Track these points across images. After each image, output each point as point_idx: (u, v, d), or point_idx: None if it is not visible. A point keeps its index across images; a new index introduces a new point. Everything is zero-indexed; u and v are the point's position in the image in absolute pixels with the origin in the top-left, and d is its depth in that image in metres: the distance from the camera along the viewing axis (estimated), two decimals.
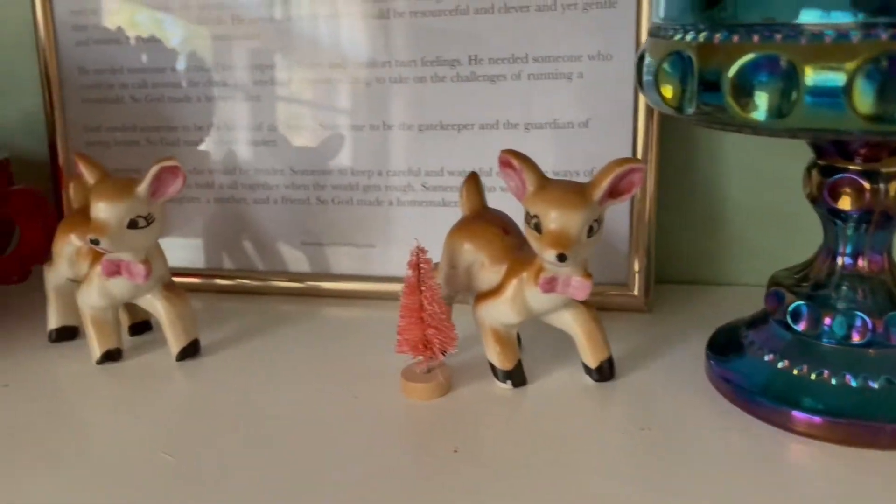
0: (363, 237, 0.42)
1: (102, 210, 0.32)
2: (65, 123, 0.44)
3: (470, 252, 0.32)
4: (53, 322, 0.38)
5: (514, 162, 0.29)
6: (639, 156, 0.37)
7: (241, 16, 0.41)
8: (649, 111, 0.37)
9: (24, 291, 0.42)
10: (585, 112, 0.38)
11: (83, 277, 0.35)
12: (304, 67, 0.41)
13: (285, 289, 0.43)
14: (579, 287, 0.29)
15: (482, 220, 0.33)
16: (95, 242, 0.32)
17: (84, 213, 0.36)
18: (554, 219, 0.28)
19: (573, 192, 0.28)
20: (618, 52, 0.37)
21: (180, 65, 0.42)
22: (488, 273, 0.31)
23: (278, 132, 0.42)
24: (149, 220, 0.33)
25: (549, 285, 0.29)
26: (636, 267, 0.38)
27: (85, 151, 0.44)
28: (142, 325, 0.38)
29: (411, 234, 0.40)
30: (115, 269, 0.33)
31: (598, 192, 0.28)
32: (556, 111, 0.38)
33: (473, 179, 0.34)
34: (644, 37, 0.35)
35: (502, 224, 0.32)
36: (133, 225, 0.32)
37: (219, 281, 0.43)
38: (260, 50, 0.41)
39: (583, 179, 0.30)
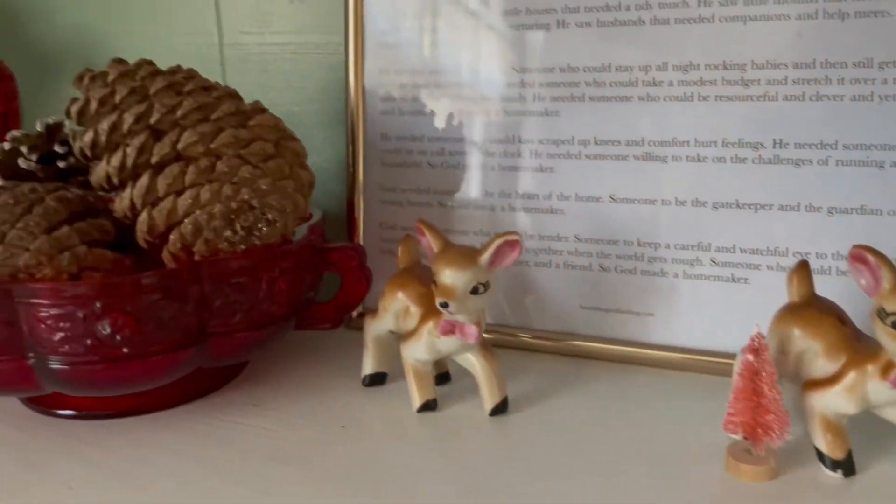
0: (643, 305, 0.44)
1: (449, 276, 0.35)
2: (364, 182, 0.49)
3: (802, 339, 0.33)
4: (369, 368, 0.42)
5: (870, 258, 0.30)
6: None
7: (542, 94, 0.44)
8: None
9: (322, 336, 0.46)
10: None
11: (409, 332, 0.39)
12: (598, 145, 0.43)
13: (561, 348, 0.45)
14: None
15: (815, 307, 0.33)
16: (445, 306, 0.35)
17: (410, 273, 0.40)
18: None
19: None
20: None
21: (476, 136, 0.46)
22: (823, 361, 0.32)
23: (569, 202, 0.45)
24: (486, 286, 0.36)
25: None
26: None
27: (380, 209, 0.49)
28: (444, 377, 0.42)
29: (695, 307, 0.42)
30: (450, 329, 0.37)
31: None
32: (863, 197, 0.39)
33: (804, 267, 0.34)
34: None
35: (837, 313, 0.33)
36: (474, 291, 0.35)
37: (498, 336, 0.46)
38: (558, 126, 0.44)
39: None
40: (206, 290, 0.36)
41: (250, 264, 0.37)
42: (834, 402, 0.32)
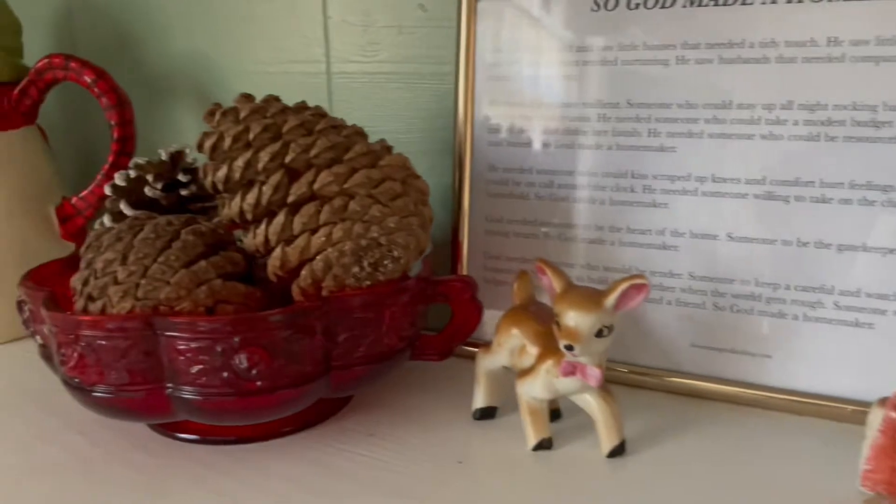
0: (760, 346, 0.43)
1: (574, 319, 0.35)
2: (469, 212, 0.50)
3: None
4: (480, 402, 0.42)
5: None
6: None
7: (657, 129, 0.44)
8: None
9: (425, 367, 0.47)
10: None
11: (525, 370, 0.39)
12: (716, 182, 0.43)
13: (665, 385, 0.44)
14: None
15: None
16: (570, 349, 0.35)
17: (526, 310, 0.40)
18: None
19: None
20: None
21: (586, 169, 0.46)
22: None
23: (682, 239, 0.44)
24: (611, 329, 0.36)
25: None
26: None
27: (484, 239, 0.49)
28: (555, 413, 0.42)
29: (815, 350, 0.41)
30: (571, 371, 0.37)
31: None
32: None
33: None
34: None
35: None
36: (599, 333, 0.35)
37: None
38: (674, 161, 0.44)
39: None
40: (332, 324, 0.36)
41: (374, 299, 0.37)
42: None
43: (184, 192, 0.46)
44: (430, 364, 0.45)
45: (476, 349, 0.42)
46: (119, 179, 0.46)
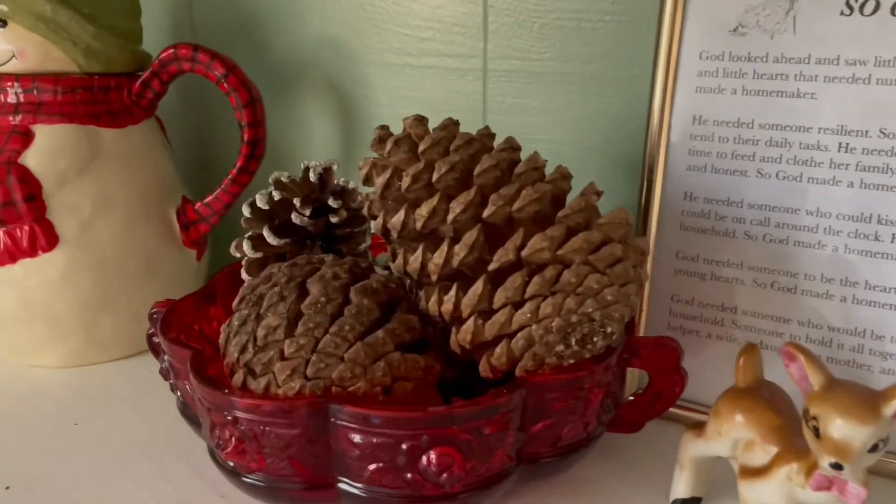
0: None
1: (844, 430, 0.28)
2: (656, 246, 0.42)
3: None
4: (682, 491, 0.35)
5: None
6: None
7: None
8: None
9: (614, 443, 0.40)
10: None
11: (755, 470, 0.32)
12: None
13: None
14: None
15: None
16: (837, 468, 0.28)
17: (756, 395, 0.33)
18: None
19: None
20: None
21: (815, 208, 0.38)
22: None
23: None
24: (886, 442, 0.28)
25: None
26: None
27: (673, 279, 0.42)
28: None
29: None
30: (826, 485, 0.29)
31: None
32: None
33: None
34: None
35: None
36: (873, 448, 0.28)
37: None
38: None
39: None
40: (529, 412, 0.30)
41: (578, 381, 0.31)
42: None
43: (334, 220, 0.40)
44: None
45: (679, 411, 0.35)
46: (261, 202, 0.40)
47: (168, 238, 0.51)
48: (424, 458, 0.28)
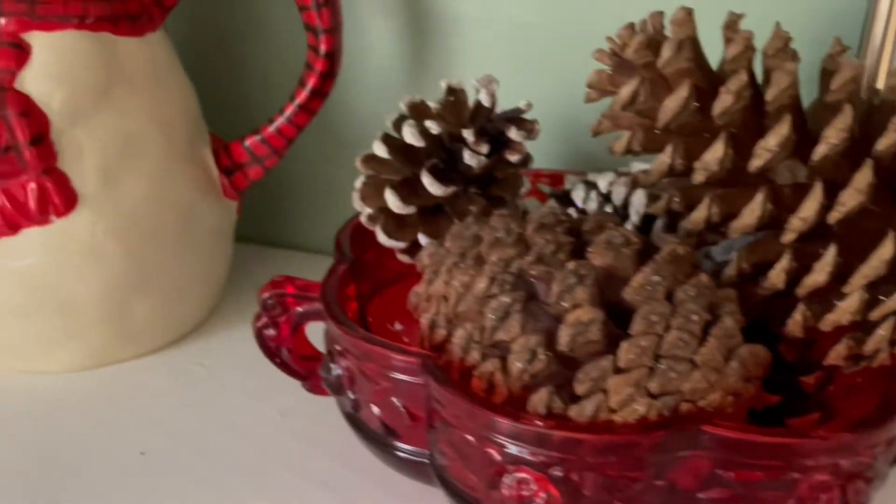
0: None
1: None
2: None
3: None
4: None
5: None
6: None
7: None
8: None
9: None
10: None
11: None
12: None
13: None
14: None
15: None
16: None
17: None
18: None
19: None
20: None
21: None
22: None
23: None
24: None
25: None
26: None
27: None
28: None
29: None
30: None
31: None
32: None
33: None
34: None
35: None
36: None
37: None
38: None
39: None
40: None
41: None
42: None
43: (513, 159, 0.30)
44: None
45: None
46: (411, 136, 0.29)
47: (207, 188, 0.38)
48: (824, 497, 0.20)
